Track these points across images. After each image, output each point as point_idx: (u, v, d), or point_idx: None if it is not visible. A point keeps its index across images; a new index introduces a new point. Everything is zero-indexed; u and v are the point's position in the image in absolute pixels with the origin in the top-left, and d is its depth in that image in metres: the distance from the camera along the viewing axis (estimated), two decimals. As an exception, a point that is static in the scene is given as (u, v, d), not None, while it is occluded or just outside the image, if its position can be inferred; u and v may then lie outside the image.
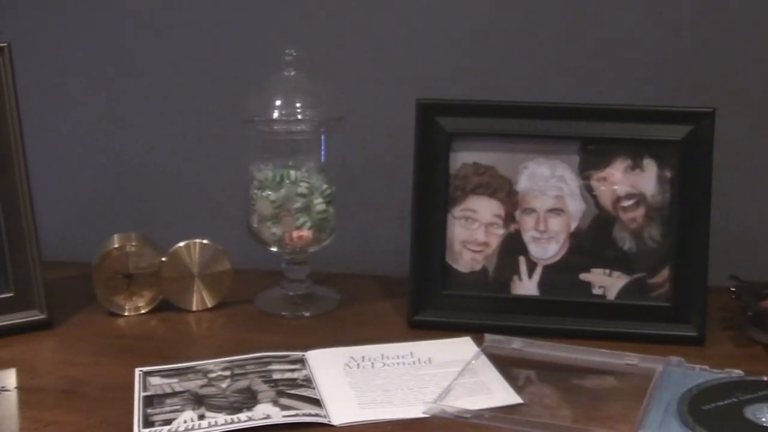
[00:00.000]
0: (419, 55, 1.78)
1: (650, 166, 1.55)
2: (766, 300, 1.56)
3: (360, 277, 1.77)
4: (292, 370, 1.42)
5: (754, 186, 1.75)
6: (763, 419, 1.27)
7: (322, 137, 1.63)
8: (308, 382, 1.39)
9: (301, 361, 1.45)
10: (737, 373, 1.39)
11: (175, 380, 1.40)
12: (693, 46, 1.72)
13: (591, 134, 1.55)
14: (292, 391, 1.36)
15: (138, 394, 1.36)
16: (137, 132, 1.88)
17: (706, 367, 1.40)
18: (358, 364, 1.44)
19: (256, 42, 1.79)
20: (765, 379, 1.37)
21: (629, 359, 1.43)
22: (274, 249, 1.64)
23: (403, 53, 1.78)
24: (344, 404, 1.33)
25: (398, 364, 1.45)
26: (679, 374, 1.38)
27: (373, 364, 1.45)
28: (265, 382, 1.39)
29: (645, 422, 1.26)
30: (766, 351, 1.50)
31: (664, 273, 1.54)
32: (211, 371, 1.42)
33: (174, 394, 1.36)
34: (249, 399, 1.34)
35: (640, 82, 1.73)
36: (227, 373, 1.42)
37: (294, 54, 1.61)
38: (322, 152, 1.64)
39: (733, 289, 1.58)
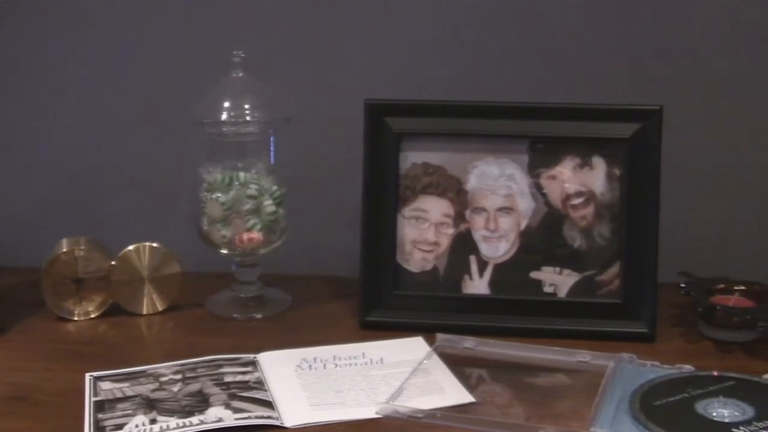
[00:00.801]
0: (368, 55, 1.77)
1: (599, 164, 1.55)
2: (715, 296, 1.57)
3: (311, 279, 1.77)
4: (244, 373, 1.42)
5: (702, 182, 1.77)
6: (714, 414, 1.28)
7: (271, 139, 1.63)
8: (260, 384, 1.39)
9: (253, 364, 1.45)
10: (688, 368, 1.40)
11: (126, 385, 1.39)
12: (640, 45, 1.73)
13: (540, 133, 1.56)
14: (244, 394, 1.36)
15: (89, 400, 1.35)
16: (86, 135, 1.86)
17: (657, 363, 1.41)
18: (309, 366, 1.44)
19: (205, 43, 1.78)
20: (715, 374, 1.38)
21: (581, 356, 1.44)
22: (224, 251, 1.64)
23: (351, 54, 1.78)
24: (296, 406, 1.33)
25: (350, 365, 1.44)
26: (631, 371, 1.39)
27: (324, 365, 1.44)
28: (217, 385, 1.38)
29: (597, 419, 1.26)
30: (716, 346, 1.51)
31: (615, 270, 1.55)
32: (163, 375, 1.41)
33: (125, 398, 1.35)
34: (201, 402, 1.33)
35: (588, 81, 1.73)
36: (178, 376, 1.41)
37: (242, 55, 1.60)
38: (272, 154, 1.63)
39: (682, 285, 1.59)
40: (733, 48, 1.73)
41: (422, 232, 1.59)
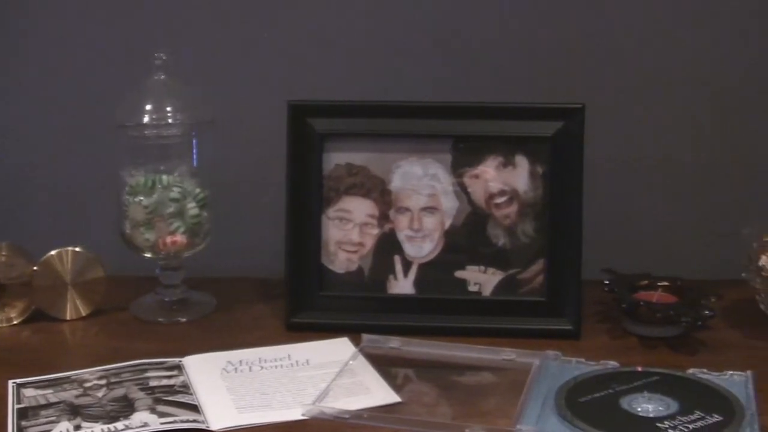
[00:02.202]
0: (290, 56, 1.77)
1: (522, 163, 1.56)
2: (638, 292, 1.59)
3: (236, 281, 1.76)
4: (169, 377, 1.41)
5: (624, 180, 1.78)
6: (639, 409, 1.29)
7: (194, 141, 1.62)
8: (185, 388, 1.38)
9: (178, 368, 1.44)
10: (612, 364, 1.41)
11: (49, 391, 1.37)
12: (561, 43, 1.74)
13: (462, 132, 1.57)
14: (170, 398, 1.35)
15: (12, 407, 1.33)
16: (5, 138, 1.83)
17: (582, 359, 1.42)
18: (235, 369, 1.43)
19: (125, 46, 1.76)
20: (639, 369, 1.39)
21: (506, 354, 1.44)
22: (148, 255, 1.62)
23: (274, 55, 1.77)
24: (222, 409, 1.32)
25: (276, 366, 1.44)
26: (556, 368, 1.40)
27: (250, 367, 1.44)
28: (142, 389, 1.37)
29: (523, 416, 1.27)
30: (640, 342, 1.52)
31: (539, 268, 1.56)
32: (87, 381, 1.40)
33: (49, 405, 1.33)
34: (126, 407, 1.32)
35: (510, 80, 1.74)
36: (103, 382, 1.39)
37: (163, 58, 1.59)
38: (194, 156, 1.62)
39: (606, 282, 1.60)
40: (654, 45, 1.74)
41: (346, 232, 1.59)
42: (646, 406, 1.29)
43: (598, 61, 1.75)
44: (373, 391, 1.36)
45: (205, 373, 1.42)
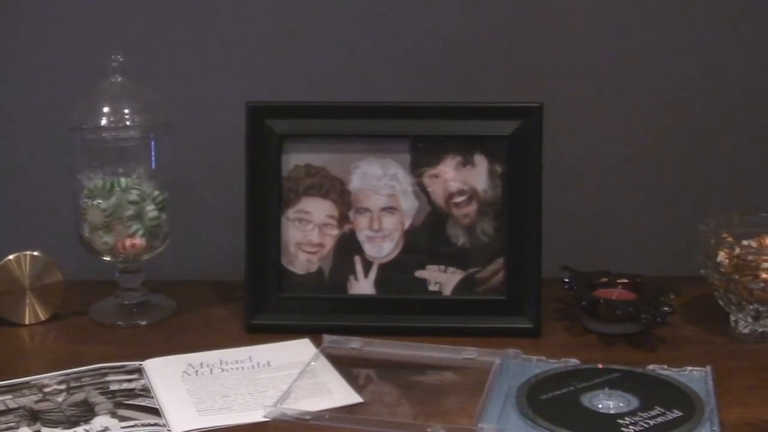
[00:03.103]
0: (248, 57, 1.76)
1: (481, 162, 1.57)
2: (598, 290, 1.59)
3: (196, 283, 1.75)
4: (130, 380, 1.40)
5: (583, 178, 1.79)
6: (600, 405, 1.30)
7: (152, 143, 1.61)
8: (146, 391, 1.37)
9: (139, 371, 1.43)
10: (573, 362, 1.42)
11: (8, 397, 1.36)
12: (519, 42, 1.75)
13: (421, 132, 1.57)
14: (130, 402, 1.34)
15: (-30, 413, 1.32)
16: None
17: (543, 357, 1.43)
18: (196, 371, 1.43)
19: (82, 48, 1.75)
20: (600, 366, 1.40)
21: (467, 353, 1.45)
22: (107, 258, 1.61)
23: (232, 56, 1.76)
24: (183, 412, 1.31)
25: (237, 369, 1.43)
26: (517, 366, 1.40)
27: (211, 370, 1.43)
28: (102, 393, 1.36)
29: (484, 415, 1.27)
30: (601, 339, 1.53)
31: (498, 267, 1.56)
32: (46, 386, 1.39)
33: (8, 411, 1.32)
34: (86, 412, 1.31)
35: (468, 80, 1.75)
36: (63, 386, 1.38)
37: (120, 59, 1.58)
38: (153, 158, 1.61)
39: (566, 280, 1.60)
40: (611, 43, 1.75)
41: (306, 233, 1.58)
42: (607, 402, 1.30)
43: (556, 60, 1.75)
44: (334, 392, 1.36)
45: (166, 376, 1.41)
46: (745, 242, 1.56)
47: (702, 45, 1.75)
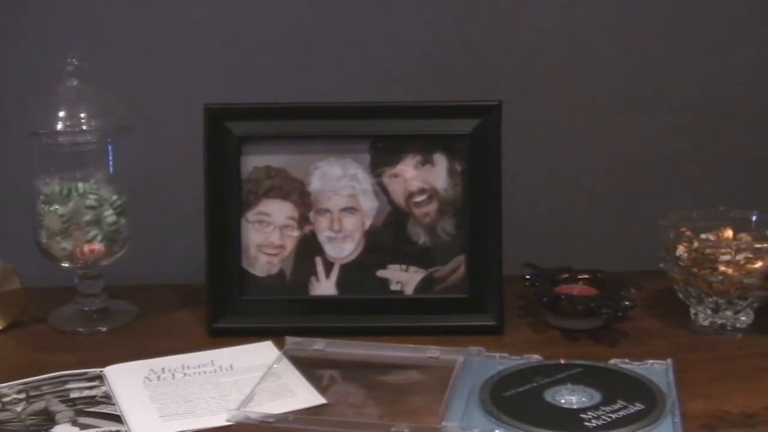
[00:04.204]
0: (206, 60, 1.75)
1: (441, 161, 1.57)
2: (559, 286, 1.60)
3: (157, 288, 1.74)
4: (90, 388, 1.39)
5: (543, 175, 1.80)
6: (562, 401, 1.30)
7: (109, 147, 1.60)
8: (107, 398, 1.36)
9: (100, 378, 1.42)
10: (536, 358, 1.42)
11: (-34, 407, 1.35)
12: (478, 40, 1.75)
13: (380, 132, 1.57)
14: (91, 409, 1.33)
15: (-72, 424, 1.31)
16: None
17: (506, 354, 1.43)
18: (158, 377, 1.42)
19: (37, 51, 1.74)
20: (562, 362, 1.41)
21: (430, 352, 1.45)
22: (65, 264, 1.60)
23: (189, 58, 1.76)
24: (146, 418, 1.31)
25: (199, 373, 1.43)
26: (480, 363, 1.41)
27: (173, 375, 1.42)
28: (63, 402, 1.35)
29: (448, 413, 1.27)
30: (563, 335, 1.53)
31: (460, 265, 1.57)
32: (5, 395, 1.37)
33: (-34, 421, 1.31)
34: (46, 421, 1.30)
35: (427, 79, 1.75)
36: (22, 396, 1.37)
37: (76, 63, 1.57)
38: (110, 163, 1.60)
39: (527, 276, 1.61)
40: (569, 40, 1.76)
41: (267, 235, 1.58)
42: (570, 397, 1.31)
43: (514, 58, 1.76)
44: (298, 394, 1.36)
45: (128, 382, 1.40)
46: (703, 236, 1.57)
47: (659, 42, 1.76)
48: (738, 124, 1.80)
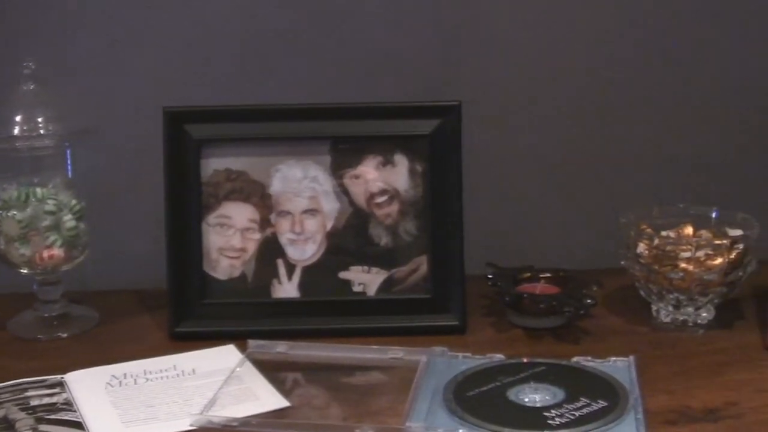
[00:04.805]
0: (165, 62, 1.75)
1: (402, 162, 1.57)
2: (522, 285, 1.60)
3: (118, 293, 1.72)
4: (51, 395, 1.38)
5: (504, 174, 1.80)
6: (526, 399, 1.30)
7: (68, 152, 1.58)
8: (69, 405, 1.35)
9: (60, 385, 1.41)
10: (499, 357, 1.42)
11: (-75, 417, 1.34)
12: (438, 41, 1.75)
13: (341, 133, 1.56)
14: (52, 417, 1.32)
15: None
16: None
17: (469, 354, 1.43)
18: (120, 382, 1.41)
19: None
20: (525, 360, 1.41)
21: (394, 353, 1.44)
22: (24, 270, 1.58)
23: (147, 62, 1.75)
24: (107, 424, 1.30)
25: (161, 378, 1.42)
26: (443, 363, 1.40)
27: (135, 380, 1.41)
28: (23, 409, 1.34)
29: (412, 413, 1.27)
30: (525, 334, 1.54)
31: (422, 266, 1.57)
32: (-35, 404, 1.37)
33: (-76, 432, 1.30)
34: (6, 429, 1.29)
35: (388, 79, 1.74)
36: (-19, 404, 1.36)
37: (32, 66, 1.56)
38: (69, 167, 1.59)
39: (490, 276, 1.61)
40: (529, 38, 1.76)
41: (228, 238, 1.57)
42: (533, 396, 1.31)
43: (474, 58, 1.76)
44: (261, 397, 1.35)
45: (89, 388, 1.39)
46: (663, 233, 1.58)
47: (620, 41, 1.77)
48: (697, 122, 1.81)
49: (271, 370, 1.42)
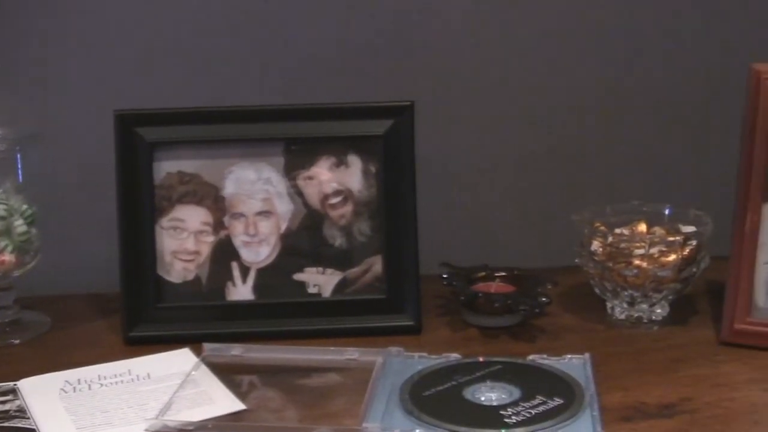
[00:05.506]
0: (115, 65, 1.73)
1: (355, 162, 1.56)
2: (477, 284, 1.61)
3: (71, 298, 1.71)
4: (4, 402, 1.36)
5: (458, 174, 1.80)
6: (482, 398, 1.31)
7: (18, 156, 1.57)
8: (22, 412, 1.34)
9: (13, 392, 1.39)
10: (455, 356, 1.42)
11: None
12: (389, 41, 1.75)
13: (294, 135, 1.56)
14: (5, 424, 1.30)
15: None
16: None
17: (425, 354, 1.43)
18: (74, 388, 1.40)
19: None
20: (481, 359, 1.41)
21: (349, 354, 1.44)
22: (-25, 277, 1.57)
23: (98, 64, 1.73)
24: (62, 431, 1.29)
25: (116, 383, 1.41)
26: (399, 363, 1.40)
27: (90, 385, 1.40)
28: (-25, 417, 1.33)
29: (368, 414, 1.27)
30: (481, 333, 1.54)
31: (377, 266, 1.56)
32: None
33: None
34: (-42, 437, 1.28)
35: (340, 80, 1.74)
36: (-68, 413, 1.35)
37: (-19, 70, 1.55)
38: (19, 172, 1.57)
39: (445, 276, 1.61)
40: (483, 41, 1.77)
41: (181, 242, 1.56)
42: (489, 395, 1.31)
43: (425, 58, 1.76)
44: (217, 401, 1.34)
45: (42, 395, 1.38)
46: (617, 230, 1.59)
47: (565, 40, 1.78)
48: (649, 120, 1.82)
49: (227, 373, 1.41)
